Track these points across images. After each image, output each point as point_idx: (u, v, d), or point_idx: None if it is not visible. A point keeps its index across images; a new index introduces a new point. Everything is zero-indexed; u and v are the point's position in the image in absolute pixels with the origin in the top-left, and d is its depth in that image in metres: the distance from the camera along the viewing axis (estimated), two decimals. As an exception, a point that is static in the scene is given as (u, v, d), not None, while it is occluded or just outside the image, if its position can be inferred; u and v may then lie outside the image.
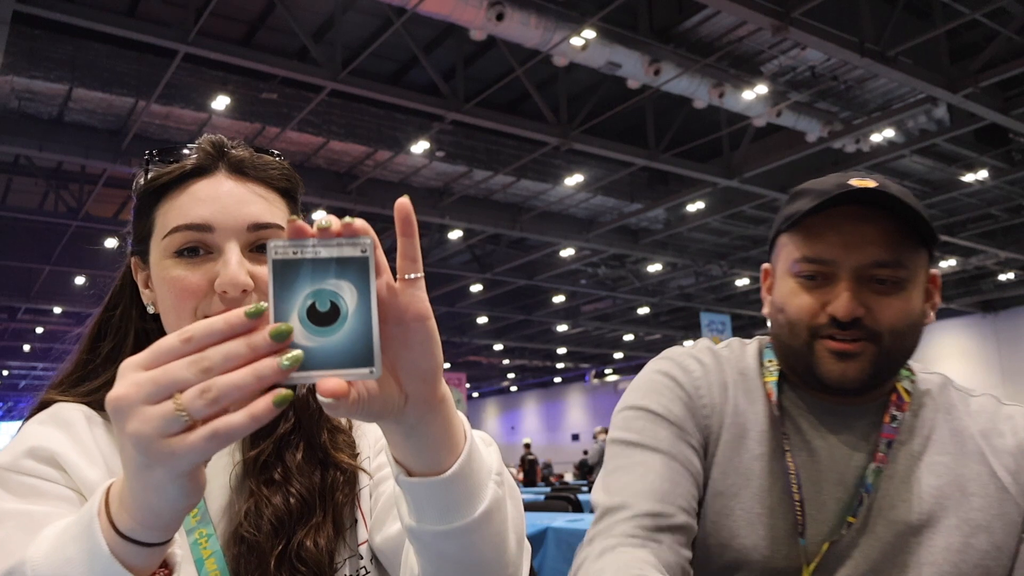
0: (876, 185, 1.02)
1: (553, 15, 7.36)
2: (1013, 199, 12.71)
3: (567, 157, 11.00)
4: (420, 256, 0.64)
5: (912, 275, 1.04)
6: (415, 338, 0.63)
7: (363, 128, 9.70)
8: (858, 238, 1.02)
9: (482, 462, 0.73)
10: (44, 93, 8.29)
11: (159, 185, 0.92)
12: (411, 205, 0.63)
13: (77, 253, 12.75)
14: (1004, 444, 1.07)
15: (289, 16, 7.46)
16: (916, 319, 1.06)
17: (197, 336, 0.56)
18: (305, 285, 0.58)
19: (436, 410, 0.67)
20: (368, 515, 0.96)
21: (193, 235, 0.88)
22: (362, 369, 0.57)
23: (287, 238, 0.59)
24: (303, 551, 0.88)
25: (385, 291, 0.61)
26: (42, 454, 0.84)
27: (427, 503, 0.70)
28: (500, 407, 34.64)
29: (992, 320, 19.64)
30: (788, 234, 1.08)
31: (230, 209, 0.89)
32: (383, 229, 13.40)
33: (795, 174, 11.18)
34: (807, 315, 1.04)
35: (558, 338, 22.73)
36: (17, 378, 26.08)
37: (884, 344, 1.02)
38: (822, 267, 1.04)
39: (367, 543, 0.94)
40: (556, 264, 15.09)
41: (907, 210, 1.01)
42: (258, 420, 0.55)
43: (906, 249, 1.03)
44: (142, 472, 0.57)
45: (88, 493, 0.84)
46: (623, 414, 1.14)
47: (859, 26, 7.53)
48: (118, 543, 0.60)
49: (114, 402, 0.56)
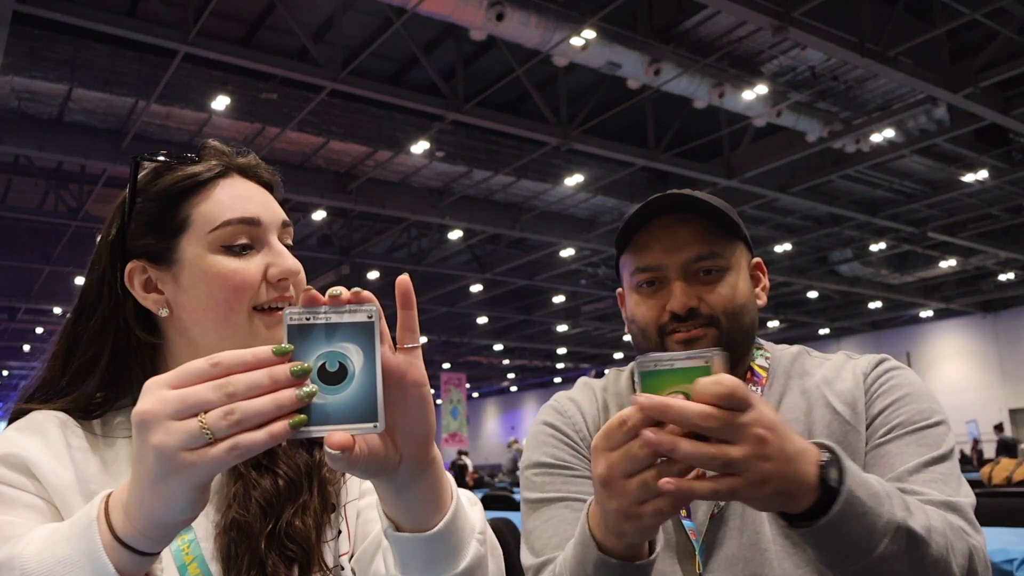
0: (686, 192, 1.18)
1: (553, 15, 7.36)
2: (1013, 199, 12.71)
3: (567, 157, 11.00)
4: (418, 327, 0.71)
5: (731, 263, 1.19)
6: (412, 402, 0.70)
7: (363, 128, 9.70)
8: (676, 241, 1.17)
9: (467, 521, 0.79)
10: (44, 93, 8.30)
11: (189, 185, 0.94)
12: (411, 283, 0.70)
13: (77, 253, 12.74)
14: (843, 385, 1.19)
15: (289, 16, 7.46)
16: (746, 299, 1.20)
17: (226, 363, 0.62)
18: (317, 347, 0.64)
19: (427, 470, 0.73)
20: (352, 529, 0.97)
21: (246, 229, 0.93)
22: (367, 424, 0.64)
23: (302, 306, 0.66)
24: (292, 529, 0.90)
25: (387, 357, 0.67)
26: (13, 461, 0.85)
27: (413, 557, 0.75)
28: (500, 407, 34.62)
29: (992, 320, 19.64)
30: (623, 256, 1.24)
31: (268, 206, 0.97)
32: (382, 229, 13.43)
33: (795, 174, 11.19)
34: (652, 318, 1.18)
35: (558, 338, 22.73)
36: (17, 378, 26.06)
37: (723, 326, 1.16)
38: (654, 273, 1.19)
39: (348, 554, 0.96)
40: (556, 264, 15.10)
41: (712, 209, 1.17)
42: (276, 439, 0.61)
43: (719, 241, 1.18)
44: (157, 482, 0.61)
45: (57, 496, 0.85)
46: (524, 474, 1.26)
47: (859, 26, 7.53)
48: (115, 549, 0.63)
49: (140, 415, 0.61)
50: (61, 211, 11.14)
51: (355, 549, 0.95)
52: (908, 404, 1.14)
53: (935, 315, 20.47)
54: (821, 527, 0.83)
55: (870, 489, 0.86)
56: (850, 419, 1.15)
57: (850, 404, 1.17)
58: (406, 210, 11.58)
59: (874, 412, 1.15)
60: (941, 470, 1.07)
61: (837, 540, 0.85)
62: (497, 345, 22.90)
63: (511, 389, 33.56)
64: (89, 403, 0.95)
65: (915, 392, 1.16)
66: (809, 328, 21.76)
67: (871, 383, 1.18)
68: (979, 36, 8.46)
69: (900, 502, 0.89)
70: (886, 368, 1.20)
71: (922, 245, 14.63)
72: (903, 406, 1.14)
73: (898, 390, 1.16)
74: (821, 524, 0.83)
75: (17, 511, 0.81)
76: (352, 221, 13.29)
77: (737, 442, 0.77)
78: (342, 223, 13.28)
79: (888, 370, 1.19)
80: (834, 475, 0.84)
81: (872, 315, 20.83)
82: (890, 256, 15.74)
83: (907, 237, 14.04)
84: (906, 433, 1.11)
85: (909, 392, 1.15)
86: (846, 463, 0.85)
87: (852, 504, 0.83)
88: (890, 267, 16.29)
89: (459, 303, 17.59)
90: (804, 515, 0.84)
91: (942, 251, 15.10)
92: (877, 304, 19.11)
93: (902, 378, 1.18)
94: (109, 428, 0.95)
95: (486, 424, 34.75)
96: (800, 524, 0.85)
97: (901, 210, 12.88)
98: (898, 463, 1.08)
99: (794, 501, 0.82)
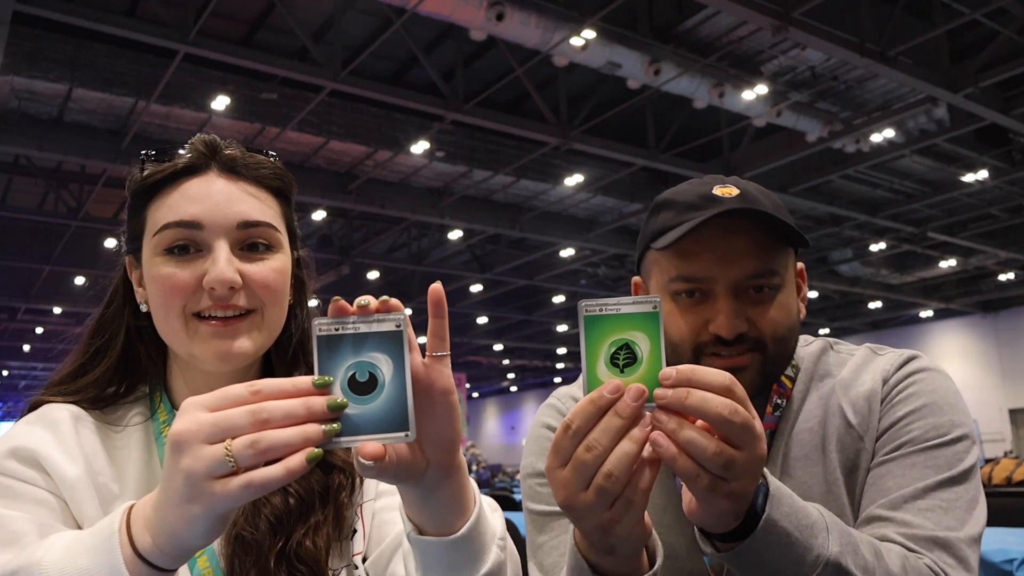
0: (739, 192, 1.04)
1: (553, 15, 7.36)
2: (1013, 199, 12.70)
3: (567, 157, 11.00)
4: (448, 335, 0.71)
5: (785, 279, 1.05)
6: (440, 410, 0.71)
7: (363, 128, 9.69)
8: (730, 252, 1.01)
9: (488, 526, 0.79)
10: (44, 93, 8.29)
11: (151, 183, 0.93)
12: (443, 291, 0.70)
13: (77, 253, 12.74)
14: (860, 390, 1.08)
15: (289, 16, 7.46)
16: (794, 321, 1.07)
17: (265, 390, 0.62)
18: (346, 358, 0.65)
19: (452, 475, 0.73)
20: (368, 529, 0.97)
21: (183, 232, 0.89)
22: (399, 433, 0.65)
23: (330, 316, 0.66)
24: (302, 550, 0.90)
25: (416, 365, 0.67)
26: (24, 454, 0.85)
27: (435, 561, 0.76)
28: (500, 407, 34.61)
29: (992, 320, 19.63)
30: (659, 254, 1.07)
31: (220, 207, 0.90)
32: (382, 229, 13.42)
33: (795, 174, 11.19)
34: (690, 335, 1.03)
35: (558, 338, 22.72)
36: (17, 378, 26.07)
37: (769, 352, 1.03)
38: (699, 284, 1.03)
39: (362, 554, 0.96)
40: (556, 264, 15.09)
41: (773, 219, 1.01)
42: (293, 474, 0.60)
43: (777, 255, 1.04)
44: (182, 504, 0.61)
45: (67, 490, 0.85)
46: (527, 483, 1.17)
47: (859, 26, 7.52)
48: (134, 562, 0.64)
49: (175, 436, 0.61)
50: (61, 211, 11.14)
51: (370, 550, 0.95)
52: (924, 417, 1.02)
53: (935, 315, 20.45)
54: (739, 552, 0.80)
55: (801, 520, 0.82)
56: (861, 432, 1.06)
57: (863, 414, 1.06)
58: (406, 210, 11.58)
59: (886, 425, 1.05)
60: (946, 496, 0.96)
61: (759, 568, 0.81)
62: (497, 345, 22.90)
63: (511, 389, 33.55)
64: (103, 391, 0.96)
65: (936, 402, 1.03)
66: (809, 328, 21.57)
67: (889, 389, 1.07)
68: (979, 36, 8.46)
69: (840, 537, 0.84)
70: (909, 371, 1.08)
71: (922, 245, 14.62)
72: (918, 419, 1.02)
73: (917, 399, 1.04)
74: (739, 549, 0.80)
75: (24, 505, 0.81)
76: (352, 221, 13.29)
77: (743, 448, 0.72)
78: (342, 223, 13.28)
79: (911, 373, 1.07)
80: (760, 501, 0.80)
81: (872, 315, 20.83)
82: (890, 256, 15.73)
83: (907, 237, 14.03)
84: (914, 452, 1.00)
85: (929, 402, 1.03)
86: (775, 492, 0.81)
87: (773, 532, 0.79)
88: (890, 267, 16.28)
89: (459, 303, 17.58)
90: (726, 536, 0.81)
91: (942, 251, 15.09)
92: (877, 304, 19.10)
93: (925, 384, 1.06)
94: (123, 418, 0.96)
95: (486, 424, 34.74)
96: (722, 546, 0.82)
97: (901, 210, 12.88)
98: (895, 487, 0.99)
99: (721, 522, 0.79)
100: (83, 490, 0.86)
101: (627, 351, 0.73)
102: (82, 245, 12.48)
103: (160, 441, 0.95)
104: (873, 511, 0.99)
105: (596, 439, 0.71)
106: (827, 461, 1.06)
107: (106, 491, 0.88)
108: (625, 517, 0.74)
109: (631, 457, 0.71)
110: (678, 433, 0.71)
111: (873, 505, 1.00)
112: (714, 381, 0.72)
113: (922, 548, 0.92)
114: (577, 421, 0.73)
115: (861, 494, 1.04)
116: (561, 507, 0.76)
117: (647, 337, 0.73)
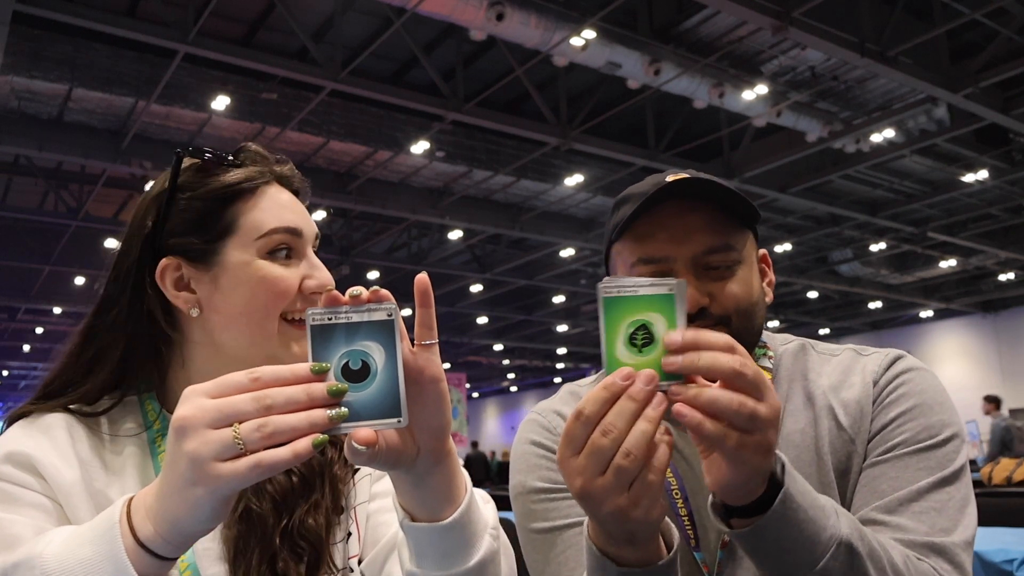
0: (689, 175, 1.07)
1: (553, 15, 7.36)
2: (1013, 199, 12.70)
3: (567, 157, 11.00)
4: (435, 325, 0.73)
5: (743, 256, 1.08)
6: (430, 397, 0.72)
7: (363, 128, 9.69)
8: (685, 230, 1.05)
9: (480, 515, 0.80)
10: (44, 93, 8.29)
11: (238, 190, 0.94)
12: (430, 281, 0.72)
13: (77, 253, 12.74)
14: (850, 393, 1.09)
15: (289, 16, 7.46)
16: (758, 297, 1.09)
17: (265, 377, 0.64)
18: (339, 347, 0.67)
19: (443, 462, 0.75)
20: (363, 532, 0.98)
21: (289, 238, 0.94)
22: (391, 419, 0.67)
23: (323, 306, 0.68)
24: (304, 527, 0.91)
25: (406, 354, 0.69)
26: (20, 459, 0.85)
27: (428, 548, 0.77)
28: (500, 407, 34.61)
29: (992, 320, 19.63)
30: (619, 243, 1.10)
31: (306, 218, 0.98)
32: (382, 229, 13.42)
33: (795, 174, 11.19)
34: None
35: (558, 338, 22.72)
36: (17, 378, 26.07)
37: (733, 327, 1.04)
38: (658, 266, 1.05)
39: (358, 557, 0.96)
40: (556, 264, 15.09)
41: (724, 193, 1.05)
42: (299, 457, 0.62)
43: (732, 231, 1.07)
44: (185, 489, 0.62)
45: (62, 495, 0.85)
46: (520, 501, 1.17)
47: (859, 26, 7.52)
48: (135, 551, 0.64)
49: (179, 421, 0.62)
50: (61, 211, 11.13)
51: (365, 552, 0.96)
52: (916, 418, 1.03)
53: (935, 315, 20.45)
54: (756, 528, 0.80)
55: (813, 500, 0.83)
56: (852, 434, 1.06)
57: (854, 416, 1.07)
58: (406, 210, 11.58)
59: (878, 426, 1.05)
60: (939, 497, 0.98)
61: (776, 546, 0.81)
62: (497, 345, 22.89)
63: (511, 389, 33.54)
64: (97, 398, 0.95)
65: (926, 402, 1.05)
66: (809, 328, 21.74)
67: (880, 390, 1.08)
68: (979, 36, 8.46)
69: (849, 521, 0.85)
70: (898, 372, 1.09)
71: (922, 245, 14.62)
72: (909, 420, 1.03)
73: (907, 400, 1.05)
74: (758, 524, 0.80)
75: (22, 509, 0.81)
76: (352, 221, 13.29)
77: (761, 399, 0.73)
78: (342, 223, 13.28)
79: (899, 374, 1.08)
80: (779, 471, 0.81)
81: (872, 315, 20.83)
82: (890, 256, 15.73)
83: (907, 237, 14.03)
84: (907, 454, 1.01)
85: (919, 403, 1.05)
86: (790, 468, 0.82)
87: (791, 506, 0.80)
88: (890, 267, 16.27)
89: (459, 303, 17.58)
90: (745, 511, 0.81)
91: (942, 251, 15.09)
92: (877, 304, 19.10)
93: (915, 384, 1.07)
94: (116, 428, 0.95)
95: (486, 424, 34.73)
96: (739, 523, 0.83)
97: (901, 210, 12.88)
98: (888, 489, 0.99)
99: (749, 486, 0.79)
100: (79, 495, 0.86)
101: (644, 332, 0.75)
102: (82, 245, 12.46)
103: (155, 450, 0.94)
104: (868, 514, 0.99)
105: (611, 422, 0.73)
106: (821, 463, 1.07)
107: (101, 497, 0.88)
108: (643, 499, 0.75)
109: (648, 436, 0.72)
110: (700, 397, 0.72)
111: (867, 507, 1.00)
112: (717, 341, 0.74)
113: (920, 555, 0.93)
114: (590, 408, 0.74)
115: (852, 496, 1.05)
116: (577, 497, 0.77)
117: (664, 318, 0.75)
